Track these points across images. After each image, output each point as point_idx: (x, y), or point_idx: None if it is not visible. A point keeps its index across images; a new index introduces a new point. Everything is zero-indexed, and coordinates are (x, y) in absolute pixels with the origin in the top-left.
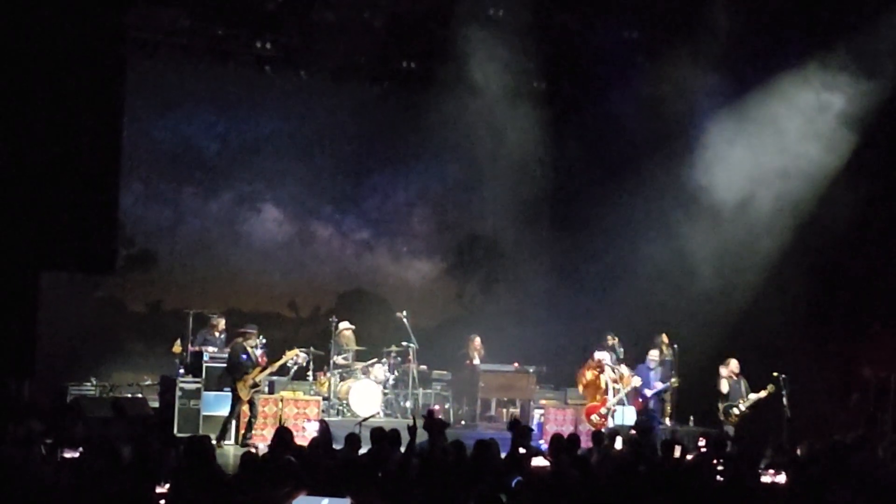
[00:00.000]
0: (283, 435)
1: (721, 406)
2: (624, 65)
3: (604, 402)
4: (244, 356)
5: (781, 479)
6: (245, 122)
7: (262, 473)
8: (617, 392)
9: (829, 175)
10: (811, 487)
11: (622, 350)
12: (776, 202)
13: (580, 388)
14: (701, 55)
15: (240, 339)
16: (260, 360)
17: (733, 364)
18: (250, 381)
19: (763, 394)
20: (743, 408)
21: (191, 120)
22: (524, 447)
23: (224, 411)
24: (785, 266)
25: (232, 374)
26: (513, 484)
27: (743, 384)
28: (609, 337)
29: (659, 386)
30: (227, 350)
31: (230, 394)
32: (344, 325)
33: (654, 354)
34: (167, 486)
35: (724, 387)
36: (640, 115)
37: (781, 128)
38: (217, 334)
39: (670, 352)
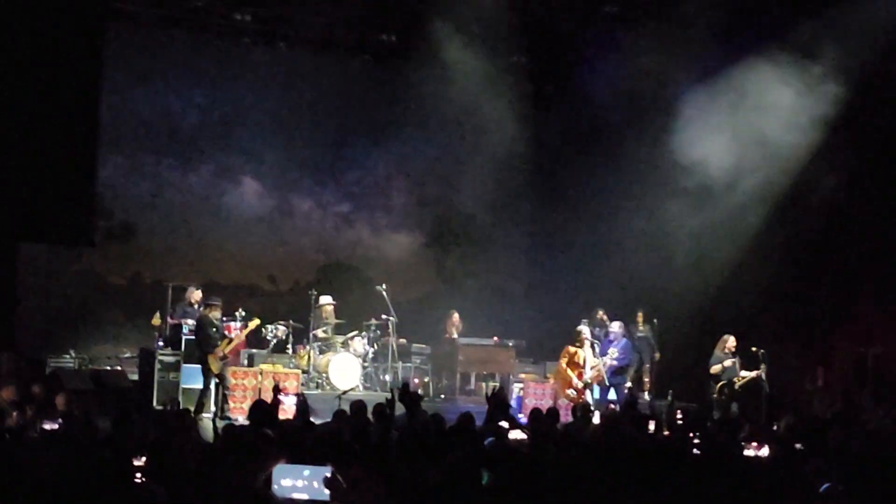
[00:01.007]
0: (261, 407)
1: (717, 385)
2: (604, 40)
3: (580, 377)
4: (212, 329)
5: (764, 452)
6: (224, 94)
7: (240, 445)
8: (595, 366)
9: (808, 152)
10: (792, 462)
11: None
12: (755, 179)
13: (563, 362)
14: (681, 31)
15: (206, 312)
16: (238, 332)
17: (731, 342)
18: (220, 354)
19: (756, 372)
20: (737, 386)
21: (170, 92)
22: (505, 420)
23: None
24: (763, 242)
25: (202, 347)
26: (486, 443)
27: (737, 362)
28: (600, 312)
29: (613, 364)
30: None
31: (202, 367)
32: (325, 299)
33: (614, 326)
34: (143, 458)
35: (717, 367)
36: (619, 90)
37: (762, 105)
38: (196, 305)
39: (647, 328)
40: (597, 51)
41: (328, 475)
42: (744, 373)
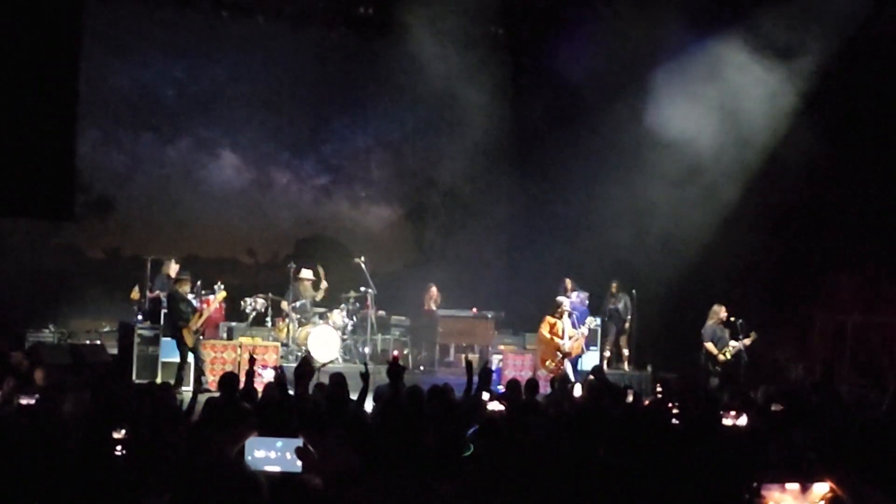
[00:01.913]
0: (228, 380)
1: (710, 356)
2: (582, 11)
3: (559, 348)
4: (183, 303)
5: (742, 421)
6: (203, 68)
7: (216, 418)
8: (573, 337)
9: (784, 124)
10: (771, 430)
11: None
12: (732, 151)
13: (545, 331)
14: (660, 7)
15: (175, 287)
16: (213, 307)
17: (722, 312)
18: (194, 328)
19: (747, 341)
20: (728, 356)
21: (148, 66)
22: (486, 391)
23: None
24: (741, 212)
25: (174, 322)
26: (469, 433)
27: (727, 332)
28: (567, 282)
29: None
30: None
31: (177, 342)
32: (306, 272)
33: (573, 296)
34: (123, 431)
35: (708, 338)
36: (598, 61)
37: (739, 76)
38: (173, 277)
39: (620, 299)
40: (576, 24)
41: (300, 446)
42: (733, 343)
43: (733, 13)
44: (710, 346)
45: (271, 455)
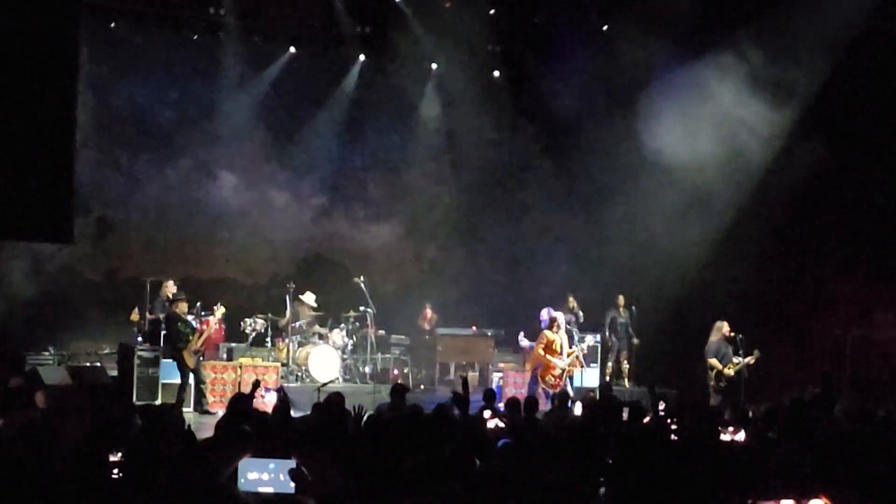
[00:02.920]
0: (238, 402)
1: (712, 373)
2: (579, 30)
3: (557, 353)
4: (181, 324)
5: (741, 437)
6: (200, 88)
7: (214, 439)
8: (571, 353)
9: (779, 141)
10: (768, 445)
11: (581, 314)
12: (730, 167)
13: (540, 348)
14: (657, 22)
15: (172, 308)
16: (213, 326)
17: (725, 328)
18: (194, 348)
19: (750, 359)
20: (732, 373)
21: (146, 87)
22: (490, 409)
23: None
24: (739, 229)
25: (174, 343)
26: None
27: (730, 349)
28: (570, 298)
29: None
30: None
31: (178, 363)
32: (308, 298)
33: (543, 314)
34: (119, 454)
35: (712, 355)
36: (595, 79)
37: (736, 92)
38: (172, 297)
39: (626, 314)
40: (573, 40)
41: (293, 467)
42: (737, 359)
43: (734, 28)
44: (714, 361)
45: (265, 476)
